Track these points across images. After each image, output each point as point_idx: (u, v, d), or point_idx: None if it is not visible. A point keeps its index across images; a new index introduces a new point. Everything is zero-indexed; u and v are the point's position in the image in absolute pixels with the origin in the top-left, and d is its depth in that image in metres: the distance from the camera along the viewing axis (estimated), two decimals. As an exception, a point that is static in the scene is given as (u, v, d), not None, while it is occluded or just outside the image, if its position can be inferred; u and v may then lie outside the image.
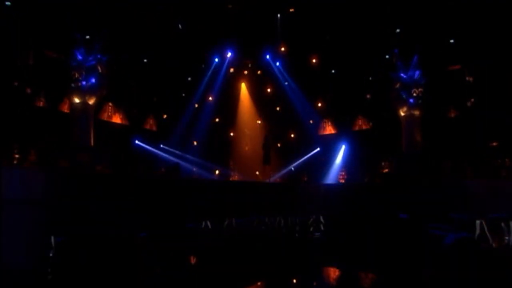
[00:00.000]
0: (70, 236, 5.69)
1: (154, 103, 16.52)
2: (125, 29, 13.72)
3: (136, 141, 15.09)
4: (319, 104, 17.06)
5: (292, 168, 15.51)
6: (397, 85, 13.58)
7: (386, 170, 13.57)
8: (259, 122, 17.46)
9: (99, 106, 13.64)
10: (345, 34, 14.66)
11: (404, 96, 13.45)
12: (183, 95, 17.06)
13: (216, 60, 16.90)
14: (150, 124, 16.88)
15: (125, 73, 14.93)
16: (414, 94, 13.21)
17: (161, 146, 15.75)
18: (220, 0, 14.61)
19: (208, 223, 8.13)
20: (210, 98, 16.91)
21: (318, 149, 16.11)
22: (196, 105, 16.51)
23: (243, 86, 18.19)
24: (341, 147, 15.84)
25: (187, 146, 15.98)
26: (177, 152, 15.55)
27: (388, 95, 13.89)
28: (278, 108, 17.40)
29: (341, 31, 14.66)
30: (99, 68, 12.81)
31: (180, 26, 14.91)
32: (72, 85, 12.49)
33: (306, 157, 16.05)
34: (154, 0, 13.59)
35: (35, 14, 11.86)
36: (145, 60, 15.36)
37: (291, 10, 15.20)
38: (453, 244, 6.73)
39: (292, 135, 17.45)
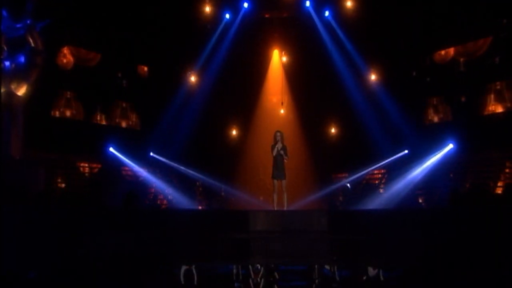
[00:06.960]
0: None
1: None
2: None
3: (110, 149, 11.04)
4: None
5: (348, 185, 10.79)
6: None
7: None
8: (283, 111, 12.11)
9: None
10: None
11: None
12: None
13: (227, 16, 11.90)
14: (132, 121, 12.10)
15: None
16: None
17: (151, 154, 11.53)
18: None
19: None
20: (193, 78, 12.08)
21: (406, 151, 11.10)
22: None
23: (275, 55, 12.27)
24: (445, 147, 10.42)
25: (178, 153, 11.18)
26: (183, 168, 11.37)
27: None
28: (321, 88, 11.77)
29: None
30: (31, 39, 9.34)
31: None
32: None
33: (383, 163, 11.14)
34: None
35: None
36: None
37: None
38: None
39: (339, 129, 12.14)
